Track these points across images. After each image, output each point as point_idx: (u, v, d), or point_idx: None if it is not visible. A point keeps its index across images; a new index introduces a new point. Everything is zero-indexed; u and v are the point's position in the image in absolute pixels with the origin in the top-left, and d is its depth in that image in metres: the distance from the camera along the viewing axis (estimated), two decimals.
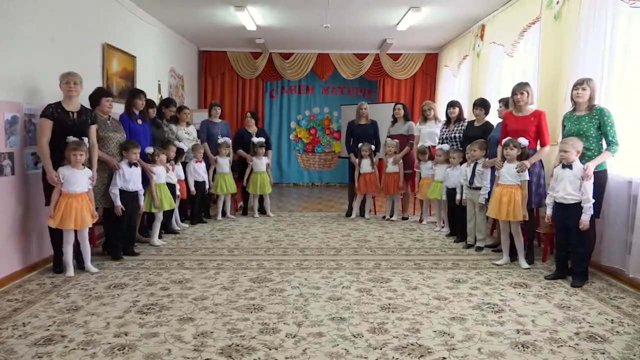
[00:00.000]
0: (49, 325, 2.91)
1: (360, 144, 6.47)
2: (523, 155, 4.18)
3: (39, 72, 4.14)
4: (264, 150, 6.58)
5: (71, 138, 3.88)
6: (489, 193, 4.62)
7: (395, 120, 6.55)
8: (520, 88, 4.28)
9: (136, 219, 4.75)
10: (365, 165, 6.46)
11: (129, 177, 4.41)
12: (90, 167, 4.04)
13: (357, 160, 6.52)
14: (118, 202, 4.32)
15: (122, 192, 4.38)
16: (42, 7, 4.25)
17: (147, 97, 5.06)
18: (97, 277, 3.90)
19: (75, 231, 3.92)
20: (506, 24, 6.15)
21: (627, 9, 3.90)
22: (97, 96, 4.39)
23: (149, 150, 4.87)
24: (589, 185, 3.67)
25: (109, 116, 4.47)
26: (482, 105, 5.24)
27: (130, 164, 4.43)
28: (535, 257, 4.49)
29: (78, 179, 3.87)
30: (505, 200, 4.16)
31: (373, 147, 6.45)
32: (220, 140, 6.34)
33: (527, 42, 5.65)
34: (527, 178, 4.17)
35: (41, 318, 3.03)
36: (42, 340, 2.70)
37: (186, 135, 6.04)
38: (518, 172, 4.15)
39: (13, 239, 3.87)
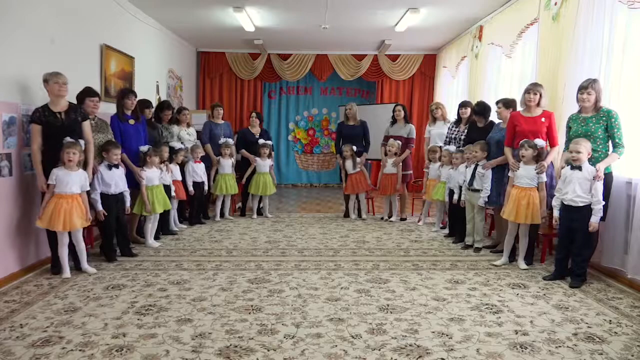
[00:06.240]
0: (47, 327, 2.90)
1: (342, 145, 6.49)
2: (539, 157, 4.14)
3: (37, 72, 4.11)
4: (267, 151, 6.57)
5: (68, 139, 3.85)
6: (490, 196, 4.63)
7: (394, 121, 6.55)
8: (534, 88, 4.27)
9: (129, 220, 4.69)
10: (348, 166, 6.47)
11: (109, 180, 4.29)
12: (86, 167, 4.00)
13: (342, 161, 6.52)
14: (99, 207, 4.22)
15: (105, 196, 4.28)
16: (41, 8, 4.25)
17: (146, 98, 5.05)
18: (95, 278, 3.89)
19: (70, 232, 3.90)
20: (504, 25, 6.15)
21: (625, 10, 3.91)
22: (82, 96, 4.34)
23: (143, 148, 4.80)
24: (600, 187, 3.63)
25: (95, 116, 4.44)
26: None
27: (110, 166, 4.32)
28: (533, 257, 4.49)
29: (70, 181, 3.82)
30: (523, 203, 4.09)
31: (355, 147, 6.42)
32: (221, 140, 6.33)
33: (525, 43, 5.66)
34: (545, 179, 4.14)
35: (39, 319, 3.02)
36: (40, 342, 2.70)
37: (187, 136, 6.06)
38: (538, 173, 4.11)
39: (11, 240, 3.86)
